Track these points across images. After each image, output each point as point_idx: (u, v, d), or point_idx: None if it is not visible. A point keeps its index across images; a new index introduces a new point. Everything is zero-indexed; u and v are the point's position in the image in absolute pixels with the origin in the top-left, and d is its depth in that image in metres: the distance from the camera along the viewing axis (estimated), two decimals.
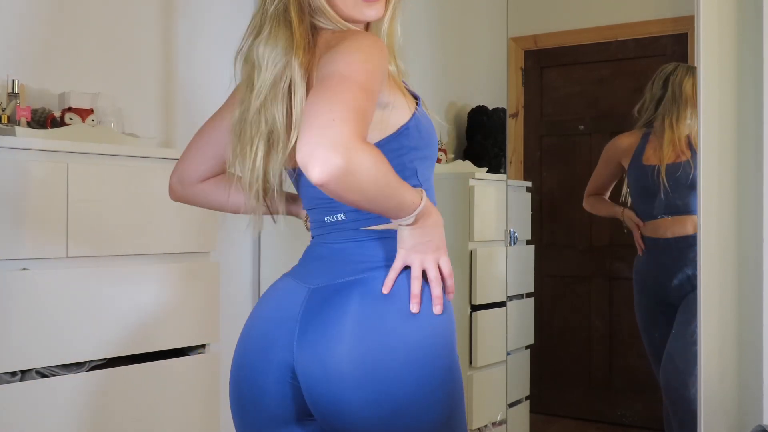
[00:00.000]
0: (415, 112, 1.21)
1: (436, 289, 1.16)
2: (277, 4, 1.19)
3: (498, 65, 3.22)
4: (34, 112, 2.03)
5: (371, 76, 1.06)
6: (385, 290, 1.15)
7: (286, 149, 1.18)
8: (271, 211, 1.29)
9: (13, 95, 1.97)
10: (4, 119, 1.92)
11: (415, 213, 1.10)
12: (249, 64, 1.21)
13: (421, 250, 1.15)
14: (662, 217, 2.65)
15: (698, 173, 1.97)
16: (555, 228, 3.37)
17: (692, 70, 2.62)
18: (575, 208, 3.29)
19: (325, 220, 1.24)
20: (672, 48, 2.95)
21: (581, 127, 3.28)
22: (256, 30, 1.22)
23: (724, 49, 1.99)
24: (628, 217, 2.74)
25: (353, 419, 1.12)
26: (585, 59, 3.28)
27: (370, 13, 1.23)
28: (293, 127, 1.17)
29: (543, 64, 3.37)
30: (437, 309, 1.16)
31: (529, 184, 3.31)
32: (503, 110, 3.29)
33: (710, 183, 1.97)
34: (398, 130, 1.19)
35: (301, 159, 0.97)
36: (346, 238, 1.22)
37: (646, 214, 2.70)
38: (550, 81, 3.38)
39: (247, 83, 1.21)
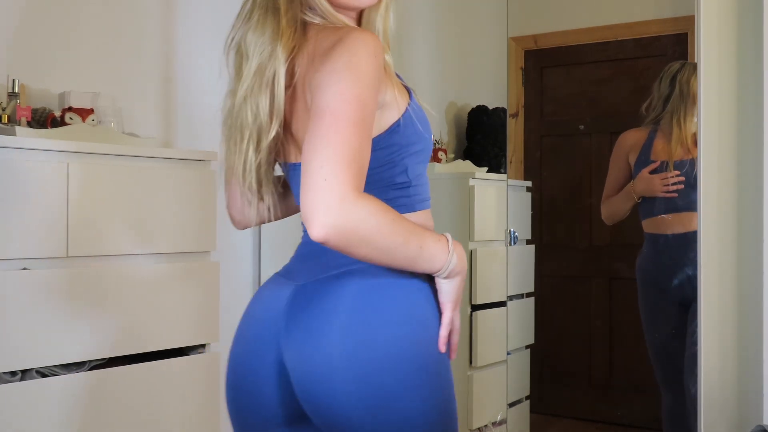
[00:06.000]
0: (407, 108, 1.18)
1: (455, 337, 1.19)
2: None
3: (498, 65, 3.22)
4: (34, 111, 2.03)
5: (364, 101, 1.06)
6: (442, 349, 1.17)
7: (268, 140, 1.17)
8: (266, 205, 1.27)
9: (13, 95, 1.97)
10: (5, 119, 1.92)
11: (451, 264, 1.14)
12: (239, 54, 1.20)
13: (459, 300, 1.18)
14: (666, 214, 2.65)
15: (698, 172, 1.97)
16: (555, 228, 3.37)
17: None
18: (575, 208, 3.30)
19: None
20: (672, 48, 2.96)
21: (581, 127, 3.28)
22: (246, 17, 1.20)
23: (724, 49, 1.99)
24: (641, 178, 2.71)
25: (344, 412, 1.10)
26: (585, 59, 3.28)
27: None
28: (275, 117, 1.16)
29: (543, 64, 3.38)
30: (443, 349, 1.17)
31: (529, 184, 3.31)
32: (503, 110, 3.29)
33: (710, 182, 1.97)
34: (390, 128, 1.17)
35: (303, 219, 1.01)
36: None
37: (649, 210, 2.70)
38: (550, 81, 3.38)
39: (237, 73, 1.20)
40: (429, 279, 1.18)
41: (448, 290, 1.17)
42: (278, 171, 1.30)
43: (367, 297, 1.13)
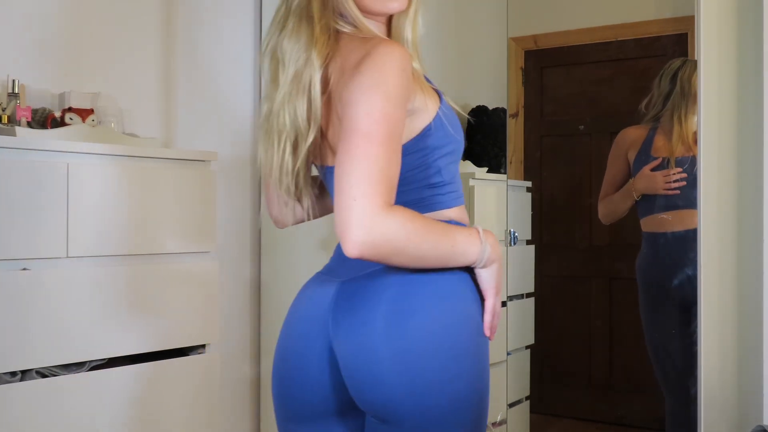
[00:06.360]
0: (437, 112, 1.21)
1: (496, 320, 1.25)
2: None
3: (498, 65, 3.22)
4: (34, 112, 2.03)
5: (392, 118, 1.09)
6: (488, 333, 1.24)
7: (306, 144, 1.21)
8: (303, 207, 1.32)
9: (13, 95, 1.97)
10: (4, 119, 1.92)
11: (485, 253, 1.18)
12: (275, 61, 1.23)
13: (500, 286, 1.23)
14: (666, 212, 2.64)
15: (698, 172, 1.97)
16: (555, 228, 3.37)
17: None
18: (575, 208, 3.29)
19: None
20: (672, 48, 2.95)
21: (581, 127, 3.28)
22: (280, 24, 1.23)
23: (724, 49, 1.99)
24: (642, 176, 2.69)
25: (389, 397, 1.14)
26: (585, 59, 3.28)
27: (394, 5, 1.23)
28: (313, 121, 1.20)
29: (543, 64, 3.37)
30: (488, 333, 1.24)
31: (529, 184, 3.31)
32: (503, 110, 3.28)
33: (710, 182, 1.97)
34: (421, 132, 1.19)
35: (337, 236, 1.07)
36: None
37: (648, 208, 2.69)
38: (550, 81, 3.38)
39: (273, 79, 1.23)
40: (467, 267, 1.22)
41: (488, 278, 1.21)
42: (313, 171, 1.33)
43: (409, 287, 1.16)
